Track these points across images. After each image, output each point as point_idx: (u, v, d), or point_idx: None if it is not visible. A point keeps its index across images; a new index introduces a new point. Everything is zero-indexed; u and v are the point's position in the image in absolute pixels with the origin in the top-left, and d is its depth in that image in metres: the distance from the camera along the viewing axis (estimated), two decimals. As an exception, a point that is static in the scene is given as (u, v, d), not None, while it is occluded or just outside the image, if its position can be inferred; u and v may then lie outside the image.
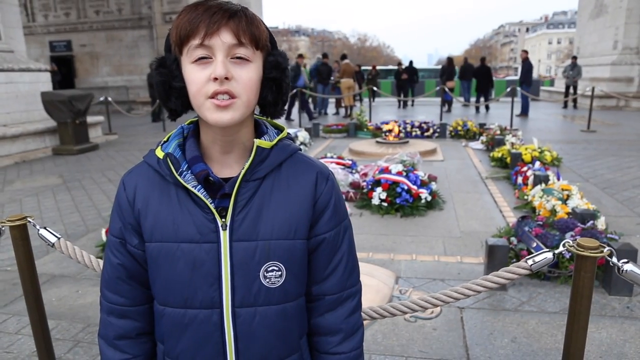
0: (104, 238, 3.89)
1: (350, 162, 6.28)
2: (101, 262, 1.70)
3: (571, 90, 16.56)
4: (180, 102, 0.90)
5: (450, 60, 18.28)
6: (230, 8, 0.84)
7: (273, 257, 0.91)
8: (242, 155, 0.93)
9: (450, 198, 5.33)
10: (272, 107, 0.94)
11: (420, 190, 4.93)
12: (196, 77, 0.84)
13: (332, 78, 16.25)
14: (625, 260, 1.27)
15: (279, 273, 0.92)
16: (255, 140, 0.91)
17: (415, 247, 3.96)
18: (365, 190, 5.13)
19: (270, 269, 0.91)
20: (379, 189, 4.92)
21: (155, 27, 18.12)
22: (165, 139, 0.98)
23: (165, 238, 0.91)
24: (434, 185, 5.27)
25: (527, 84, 14.79)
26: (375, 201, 4.89)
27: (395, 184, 4.93)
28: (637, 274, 1.25)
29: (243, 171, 0.89)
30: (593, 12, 18.81)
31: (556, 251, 1.30)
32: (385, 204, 4.86)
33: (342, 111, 16.51)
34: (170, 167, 0.90)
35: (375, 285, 3.18)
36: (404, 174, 5.06)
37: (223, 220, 0.89)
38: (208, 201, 0.88)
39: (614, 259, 1.26)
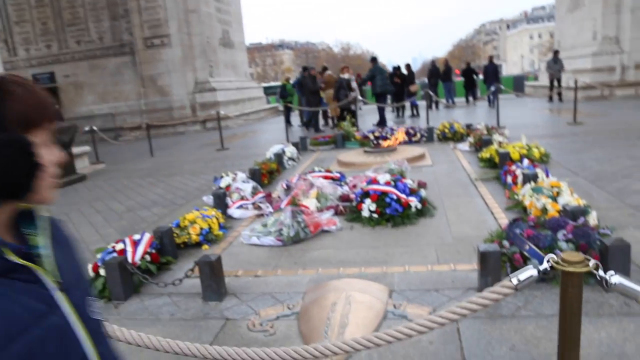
0: (92, 274, 3.80)
1: (338, 175, 6.23)
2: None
3: (555, 83, 16.66)
4: None
5: (433, 63, 18.44)
6: None
7: None
8: None
9: (441, 203, 5.29)
10: None
11: (410, 198, 4.88)
12: None
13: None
14: (612, 272, 1.22)
15: None
16: None
17: (408, 257, 3.90)
18: (354, 203, 5.08)
19: None
20: (368, 201, 4.87)
21: (137, 52, 18.12)
22: None
23: None
24: (423, 192, 5.22)
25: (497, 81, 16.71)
26: (365, 213, 4.84)
27: (384, 194, 4.88)
28: (626, 286, 1.19)
29: None
30: (570, 5, 19.02)
31: (541, 267, 1.25)
32: (375, 215, 4.80)
33: (331, 122, 16.50)
34: None
35: (368, 302, 3.12)
36: (392, 183, 5.01)
37: None
38: None
39: (600, 272, 1.21)
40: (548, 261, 1.24)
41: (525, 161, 5.71)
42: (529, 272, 1.24)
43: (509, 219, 4.42)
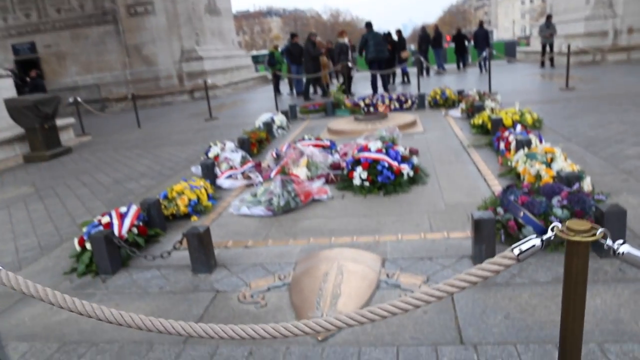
0: (78, 248, 3.71)
1: (328, 143, 6.13)
2: (50, 289, 1.55)
3: (547, 48, 16.47)
4: None
5: (424, 29, 18.11)
6: None
7: None
8: None
9: (433, 171, 5.22)
10: None
11: (402, 165, 4.80)
12: None
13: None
14: (621, 241, 1.15)
15: None
16: None
17: (400, 226, 3.85)
18: (345, 171, 4.99)
19: None
20: (359, 169, 4.78)
21: (120, 21, 17.61)
22: None
23: None
24: (415, 160, 5.14)
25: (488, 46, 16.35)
26: (357, 181, 4.76)
27: (376, 162, 4.79)
28: (635, 255, 1.12)
29: None
30: (563, -32, 18.64)
31: (544, 237, 1.17)
32: (367, 184, 4.73)
33: (320, 90, 16.27)
34: None
35: (360, 272, 3.06)
36: (384, 150, 4.92)
37: None
38: None
39: (609, 241, 1.13)
40: (552, 230, 1.16)
41: (518, 127, 5.63)
42: (531, 241, 1.16)
43: (502, 185, 4.36)
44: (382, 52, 13.18)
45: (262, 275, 3.22)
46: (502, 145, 5.34)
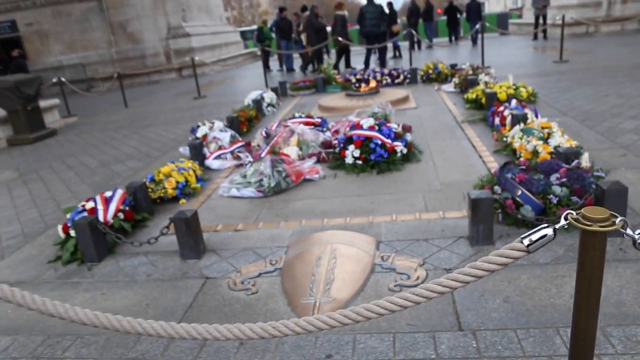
0: (62, 235, 3.59)
1: (319, 120, 5.98)
2: (18, 290, 1.44)
3: (540, 20, 16.23)
4: None
5: (414, 1, 17.74)
6: None
7: None
8: None
9: (427, 147, 5.11)
10: None
11: (395, 143, 4.68)
12: None
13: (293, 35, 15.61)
14: (641, 231, 1.04)
15: None
16: None
17: (394, 206, 3.75)
18: (337, 150, 4.87)
19: None
20: (351, 147, 4.66)
21: (104, -4, 17.08)
22: None
23: None
24: (409, 137, 5.03)
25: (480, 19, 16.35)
26: (349, 160, 4.64)
27: (368, 139, 4.67)
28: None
29: None
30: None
31: (557, 226, 1.06)
32: (359, 162, 4.61)
33: (310, 66, 15.99)
34: None
35: (354, 255, 2.97)
36: (377, 128, 4.78)
37: None
38: None
39: (629, 230, 1.02)
40: (566, 218, 1.06)
41: (513, 101, 5.50)
42: (543, 231, 1.05)
43: (498, 162, 4.27)
44: (377, 26, 12.85)
45: (253, 260, 3.12)
46: (497, 120, 5.22)
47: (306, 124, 5.77)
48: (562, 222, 1.05)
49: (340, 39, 13.01)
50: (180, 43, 17.53)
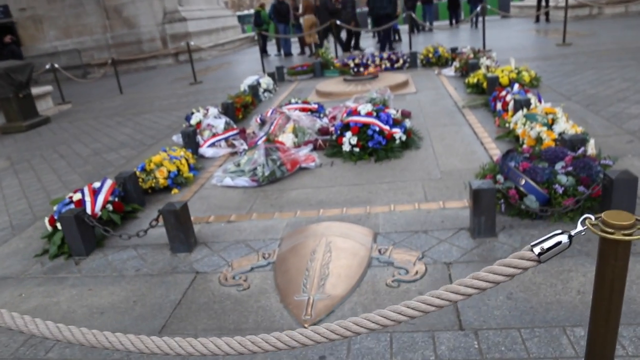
0: (49, 228, 3.47)
1: (316, 106, 5.82)
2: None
3: (543, 2, 15.93)
4: None
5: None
6: None
7: None
8: None
9: (426, 134, 4.96)
10: None
11: (394, 129, 4.54)
12: None
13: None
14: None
15: None
16: None
17: (393, 195, 3.61)
18: (334, 137, 4.72)
19: None
20: (348, 134, 4.51)
21: (97, -20, 16.75)
22: None
23: None
24: (408, 123, 4.87)
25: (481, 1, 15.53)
26: (346, 147, 4.50)
27: (366, 126, 4.52)
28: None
29: None
30: None
31: (573, 232, 0.93)
32: (357, 150, 4.47)
33: (308, 50, 15.73)
34: None
35: (350, 248, 2.85)
36: (374, 114, 4.63)
37: None
38: None
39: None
40: (583, 223, 0.93)
41: (516, 86, 5.33)
42: (556, 238, 0.93)
43: (500, 149, 4.13)
44: (383, 8, 12.66)
45: (245, 254, 3.00)
46: (499, 105, 5.07)
47: (303, 110, 5.61)
48: (579, 227, 0.93)
49: (317, 21, 12.92)
50: (177, 28, 17.24)
